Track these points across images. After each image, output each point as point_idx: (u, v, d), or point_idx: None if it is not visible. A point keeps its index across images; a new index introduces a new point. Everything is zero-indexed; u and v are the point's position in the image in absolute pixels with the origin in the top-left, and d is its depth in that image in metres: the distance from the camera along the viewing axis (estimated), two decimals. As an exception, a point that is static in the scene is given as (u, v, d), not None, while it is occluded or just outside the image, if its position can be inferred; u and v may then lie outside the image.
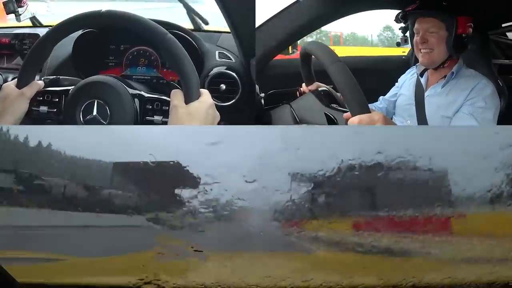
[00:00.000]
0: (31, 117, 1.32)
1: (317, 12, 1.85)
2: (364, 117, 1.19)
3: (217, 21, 1.66)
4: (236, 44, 1.65)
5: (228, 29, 1.61)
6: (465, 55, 1.71)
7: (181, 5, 1.81)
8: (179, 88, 1.20)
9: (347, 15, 2.14)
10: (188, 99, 1.16)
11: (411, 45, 1.79)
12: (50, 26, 1.33)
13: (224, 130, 1.30)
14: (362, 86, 1.23)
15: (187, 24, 1.84)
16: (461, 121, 1.58)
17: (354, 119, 1.20)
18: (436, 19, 1.64)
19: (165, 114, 1.27)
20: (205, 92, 1.20)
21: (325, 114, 1.50)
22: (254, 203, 1.20)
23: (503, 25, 2.05)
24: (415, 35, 1.70)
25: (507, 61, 2.13)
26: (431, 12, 1.65)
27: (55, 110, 1.32)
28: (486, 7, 1.75)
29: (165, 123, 1.29)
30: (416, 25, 1.70)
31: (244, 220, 1.22)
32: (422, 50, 1.68)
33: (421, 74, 1.79)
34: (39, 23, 1.94)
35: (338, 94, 1.61)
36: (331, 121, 1.47)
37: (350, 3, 1.99)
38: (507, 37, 2.17)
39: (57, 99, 1.33)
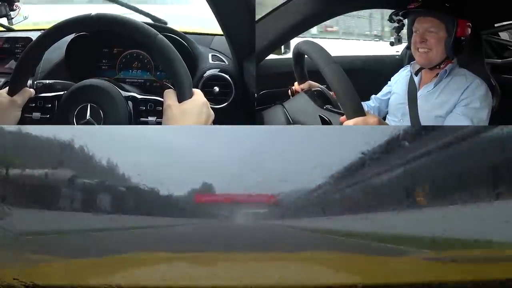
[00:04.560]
0: (24, 124, 1.30)
1: (311, 11, 1.84)
2: (358, 120, 1.19)
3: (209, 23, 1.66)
4: (229, 46, 1.65)
5: (221, 32, 1.61)
6: (459, 55, 1.71)
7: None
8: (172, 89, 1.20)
9: (341, 14, 2.14)
10: (181, 98, 1.16)
11: (409, 43, 1.78)
12: (42, 29, 1.31)
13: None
14: (356, 86, 1.22)
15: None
16: (455, 121, 1.59)
17: (349, 123, 1.20)
18: (437, 19, 1.63)
19: (159, 114, 1.26)
20: (197, 92, 1.20)
21: (320, 116, 1.49)
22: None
23: (496, 25, 2.05)
24: (414, 34, 1.70)
25: (500, 60, 2.14)
26: (432, 12, 1.64)
27: (48, 115, 1.30)
28: (480, 7, 1.75)
29: (159, 123, 1.28)
30: (415, 24, 1.69)
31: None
32: (420, 49, 1.67)
33: (416, 73, 1.79)
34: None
35: (331, 93, 1.61)
36: (325, 124, 1.46)
37: (345, 2, 1.98)
38: (500, 37, 2.18)
39: (50, 105, 1.31)
